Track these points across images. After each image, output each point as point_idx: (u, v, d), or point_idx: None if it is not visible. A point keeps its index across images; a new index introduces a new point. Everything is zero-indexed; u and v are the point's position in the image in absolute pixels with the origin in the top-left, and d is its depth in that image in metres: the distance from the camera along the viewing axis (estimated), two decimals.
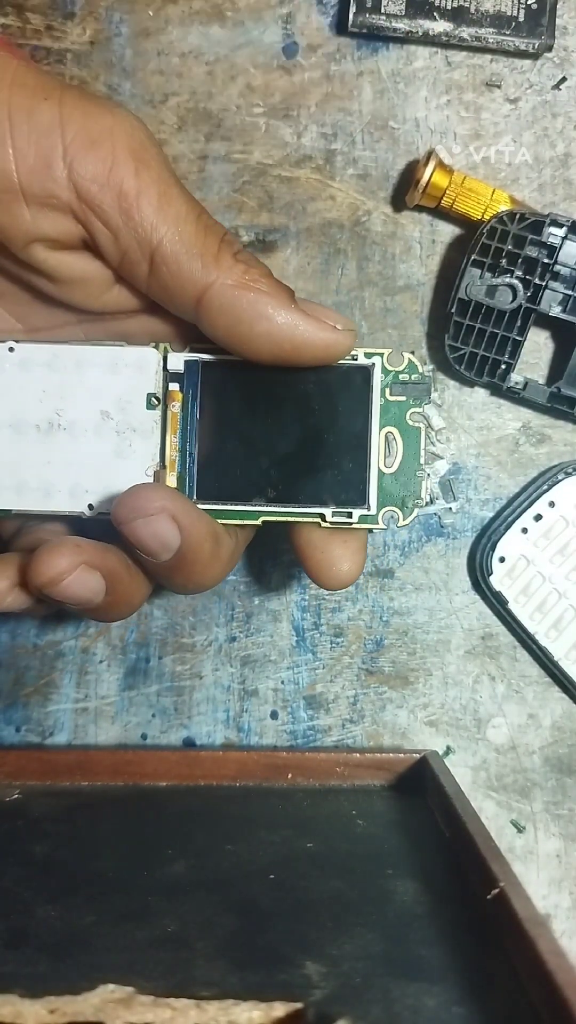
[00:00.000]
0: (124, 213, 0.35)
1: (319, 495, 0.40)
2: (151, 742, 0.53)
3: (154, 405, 0.40)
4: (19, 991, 0.30)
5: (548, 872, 0.52)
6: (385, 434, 0.40)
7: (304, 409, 0.40)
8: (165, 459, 0.40)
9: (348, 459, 0.40)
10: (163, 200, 0.35)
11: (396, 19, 0.49)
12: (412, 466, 0.40)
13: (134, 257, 0.36)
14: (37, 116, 0.34)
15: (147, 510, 0.36)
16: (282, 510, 0.40)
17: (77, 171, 0.35)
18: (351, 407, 0.40)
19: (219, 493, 0.40)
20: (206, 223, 0.36)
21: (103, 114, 0.35)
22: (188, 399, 0.40)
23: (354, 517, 0.40)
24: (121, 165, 0.35)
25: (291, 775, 0.48)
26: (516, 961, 0.32)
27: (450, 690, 0.53)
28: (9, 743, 0.53)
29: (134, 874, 0.39)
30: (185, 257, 0.36)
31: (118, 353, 0.40)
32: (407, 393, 0.40)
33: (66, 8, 0.50)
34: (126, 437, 0.40)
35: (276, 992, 0.30)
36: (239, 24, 0.51)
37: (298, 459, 0.40)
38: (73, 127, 0.34)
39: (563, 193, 0.51)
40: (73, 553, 0.37)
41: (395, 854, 0.41)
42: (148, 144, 0.36)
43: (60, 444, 0.40)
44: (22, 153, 0.34)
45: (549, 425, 0.52)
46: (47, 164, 0.35)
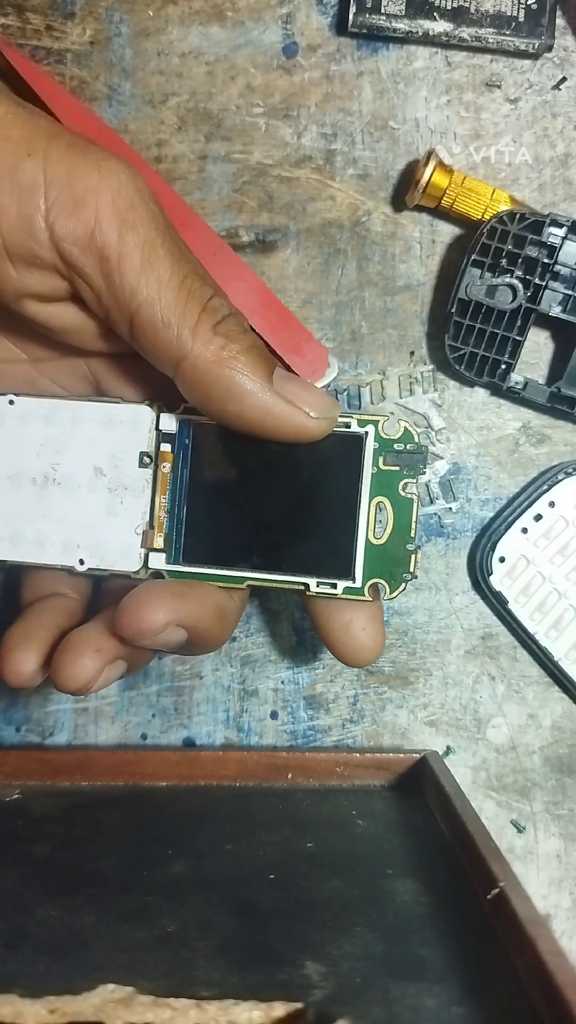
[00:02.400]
0: (105, 276, 0.34)
1: (304, 564, 0.40)
2: (151, 742, 0.53)
3: (146, 464, 0.40)
4: (19, 991, 0.30)
5: (548, 872, 0.52)
6: (376, 504, 0.39)
7: (294, 475, 0.39)
8: (154, 519, 0.40)
9: (336, 528, 0.39)
10: (145, 264, 0.34)
11: (396, 19, 0.49)
12: (403, 538, 0.39)
13: (115, 317, 0.36)
14: (20, 174, 0.34)
15: (153, 631, 0.36)
16: (267, 576, 0.40)
17: (58, 233, 0.34)
18: (342, 475, 0.39)
19: (205, 556, 0.40)
20: (190, 288, 0.35)
21: (89, 172, 0.34)
22: (179, 460, 0.40)
23: (339, 588, 0.39)
24: (104, 227, 0.34)
25: (291, 775, 0.48)
26: (516, 961, 0.32)
27: (450, 690, 0.53)
28: (9, 743, 0.53)
29: (134, 874, 0.39)
30: (162, 325, 0.35)
31: (113, 410, 0.40)
32: (401, 463, 0.39)
33: (66, 8, 0.50)
34: (118, 494, 0.40)
35: (276, 992, 0.30)
36: (239, 24, 0.51)
37: (285, 526, 0.40)
38: (57, 186, 0.34)
39: (563, 193, 0.51)
40: (94, 659, 0.37)
41: (395, 854, 0.41)
42: (136, 202, 0.35)
43: (55, 498, 0.41)
44: (5, 211, 0.34)
45: (549, 425, 0.52)
46: (29, 224, 0.34)
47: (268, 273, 0.52)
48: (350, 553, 0.39)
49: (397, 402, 0.52)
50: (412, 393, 0.52)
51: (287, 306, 0.51)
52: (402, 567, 0.39)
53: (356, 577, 0.39)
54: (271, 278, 0.52)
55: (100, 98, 0.51)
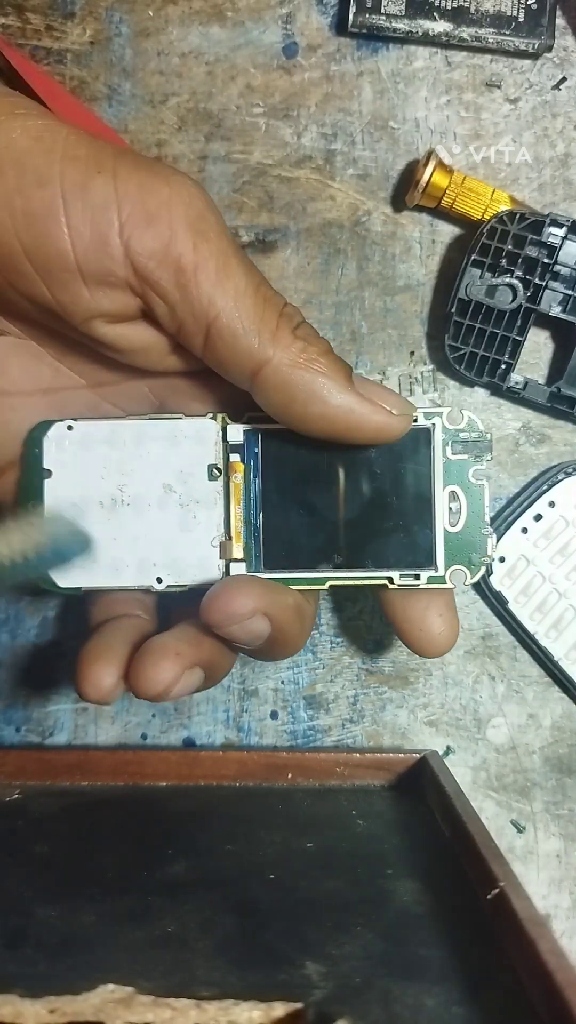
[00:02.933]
0: (181, 288, 0.34)
1: (386, 558, 0.40)
2: (151, 742, 0.53)
3: (215, 476, 0.40)
4: (19, 991, 0.30)
5: (548, 872, 0.52)
6: (449, 493, 0.40)
7: (366, 473, 0.40)
8: (230, 530, 0.40)
9: (413, 521, 0.40)
10: (221, 274, 0.34)
11: (396, 19, 0.49)
12: (477, 524, 0.40)
13: (190, 329, 0.35)
14: (91, 193, 0.33)
15: (241, 616, 0.37)
16: (349, 575, 0.40)
17: (134, 248, 0.34)
18: (413, 469, 0.40)
19: (286, 562, 0.40)
20: (265, 296, 0.35)
21: (160, 186, 0.34)
22: (249, 469, 0.40)
23: (422, 579, 0.40)
24: (179, 239, 0.34)
25: (291, 775, 0.48)
26: (516, 961, 0.32)
27: (450, 690, 0.53)
28: (9, 743, 0.53)
29: (134, 874, 0.39)
30: (242, 332, 0.35)
31: (176, 425, 0.40)
32: (468, 451, 0.40)
33: (66, 8, 0.50)
34: (190, 509, 0.40)
35: (276, 992, 0.30)
36: (239, 24, 0.51)
37: (363, 523, 0.40)
38: (129, 202, 0.34)
39: (563, 193, 0.51)
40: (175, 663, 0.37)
41: (395, 854, 0.41)
42: (207, 214, 0.35)
43: (125, 519, 0.40)
44: (78, 232, 0.34)
45: (549, 425, 0.52)
46: (104, 242, 0.34)
47: (268, 273, 0.51)
48: (430, 543, 0.40)
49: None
50: (412, 393, 0.52)
51: None
52: (479, 552, 0.40)
53: (438, 566, 0.40)
54: (271, 278, 0.51)
55: (100, 98, 0.51)
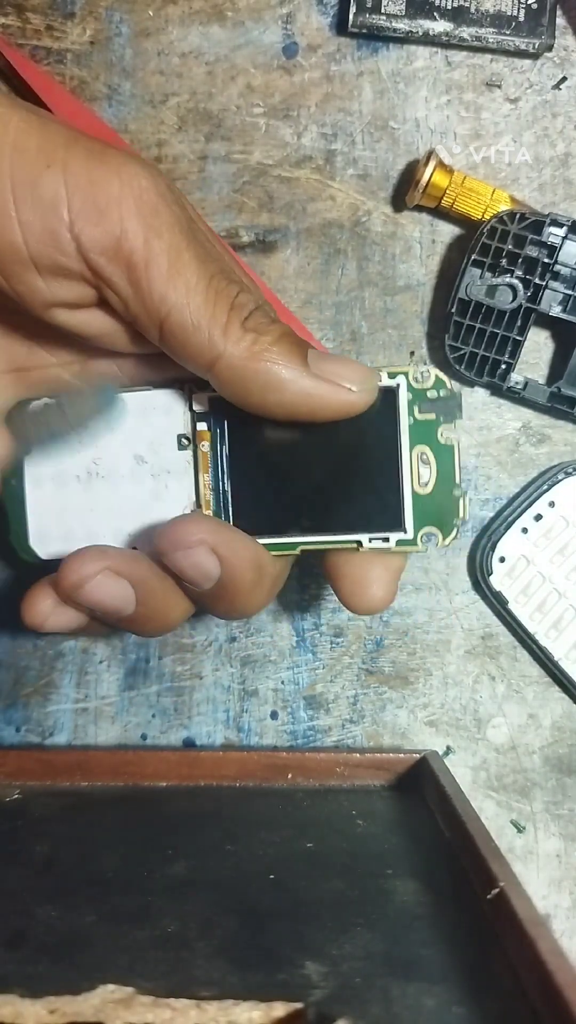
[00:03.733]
0: (133, 284, 0.34)
1: (355, 522, 0.40)
2: (151, 742, 0.53)
3: (185, 446, 0.40)
4: (19, 991, 0.30)
5: (548, 872, 0.52)
6: (418, 454, 0.39)
7: (332, 437, 0.39)
8: (200, 498, 0.40)
9: (381, 483, 0.39)
10: (172, 269, 0.34)
11: (396, 19, 0.49)
12: (448, 485, 0.39)
13: (144, 323, 0.35)
14: (41, 188, 0.33)
15: (186, 542, 0.37)
16: (319, 539, 0.40)
17: (85, 244, 0.34)
18: (380, 430, 0.39)
19: (256, 527, 0.40)
20: (217, 288, 0.35)
21: (110, 179, 0.34)
22: (216, 437, 0.40)
23: (391, 542, 0.39)
24: (130, 235, 0.34)
25: (291, 775, 0.48)
26: (516, 961, 0.32)
27: (450, 690, 0.53)
28: (9, 743, 0.53)
29: (134, 874, 0.39)
30: (192, 328, 0.35)
31: (146, 397, 0.40)
32: (436, 410, 0.39)
33: (66, 8, 0.50)
34: (161, 479, 0.40)
35: (276, 992, 0.30)
36: (239, 24, 0.51)
37: (331, 487, 0.40)
38: (79, 197, 0.33)
39: (563, 193, 0.51)
40: (98, 558, 0.37)
41: (395, 854, 0.41)
42: (160, 207, 0.34)
43: (100, 491, 0.41)
44: (29, 226, 0.33)
45: (549, 425, 0.52)
46: (55, 237, 0.34)
47: (268, 273, 0.52)
48: (398, 505, 0.39)
49: None
50: None
51: (287, 306, 0.51)
52: (451, 513, 0.39)
53: (407, 528, 0.39)
54: (271, 278, 0.52)
55: (100, 98, 0.51)
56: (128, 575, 0.37)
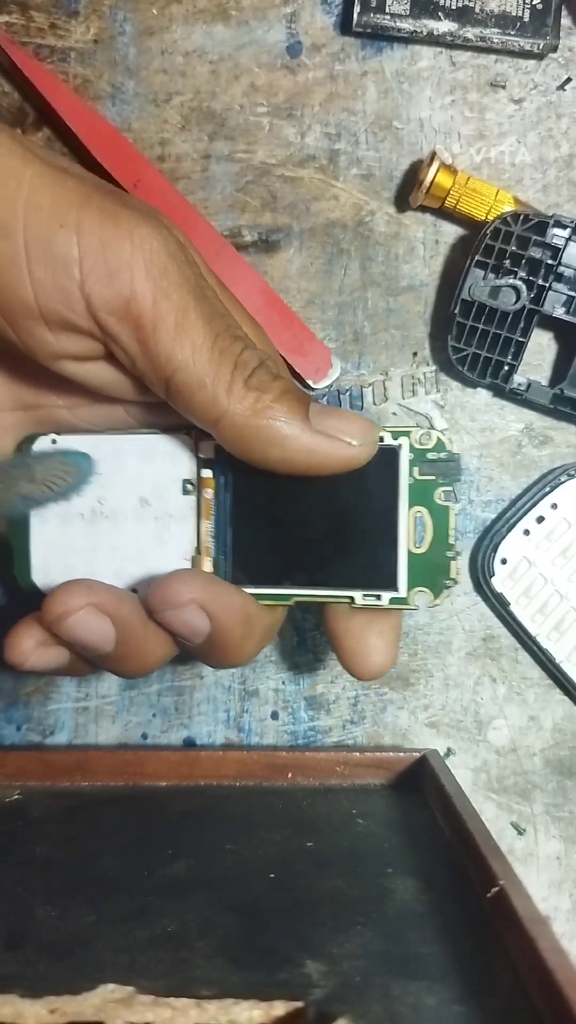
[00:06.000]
0: (140, 343, 0.35)
1: (349, 577, 0.40)
2: (151, 742, 0.53)
3: (189, 491, 0.40)
4: (19, 991, 0.30)
5: (548, 874, 0.52)
6: (414, 514, 0.39)
7: (333, 492, 0.39)
8: (200, 545, 0.40)
9: (377, 541, 0.40)
10: (179, 329, 0.35)
11: (400, 19, 0.49)
12: (442, 546, 0.39)
13: (151, 380, 0.36)
14: (54, 247, 0.34)
15: (176, 602, 0.37)
16: (314, 592, 0.40)
17: (95, 304, 0.34)
18: (379, 489, 0.39)
19: (252, 577, 0.40)
20: (222, 347, 0.36)
21: (122, 241, 0.34)
22: (220, 486, 0.40)
23: (383, 599, 0.39)
24: (139, 296, 0.34)
25: (291, 774, 0.48)
26: (516, 959, 0.32)
27: (451, 692, 0.53)
28: (10, 742, 0.53)
29: (134, 874, 0.39)
30: (197, 387, 0.35)
31: (152, 441, 0.40)
32: (436, 472, 0.39)
33: (70, 6, 0.50)
34: (164, 523, 0.41)
35: (276, 991, 0.30)
36: (243, 23, 0.51)
37: (328, 541, 0.40)
38: (91, 258, 0.34)
39: (567, 194, 0.51)
40: (84, 593, 0.37)
41: (395, 853, 0.41)
42: (169, 267, 0.35)
43: (103, 531, 0.41)
44: (40, 283, 0.34)
45: (552, 427, 0.52)
46: (66, 295, 0.34)
47: (271, 273, 0.52)
48: (393, 564, 0.39)
49: (400, 403, 0.52)
50: (415, 394, 0.52)
51: (290, 306, 0.51)
52: (443, 575, 0.39)
53: (400, 587, 0.39)
54: (274, 278, 0.52)
55: (104, 97, 0.51)
56: (112, 613, 0.37)
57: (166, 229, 0.36)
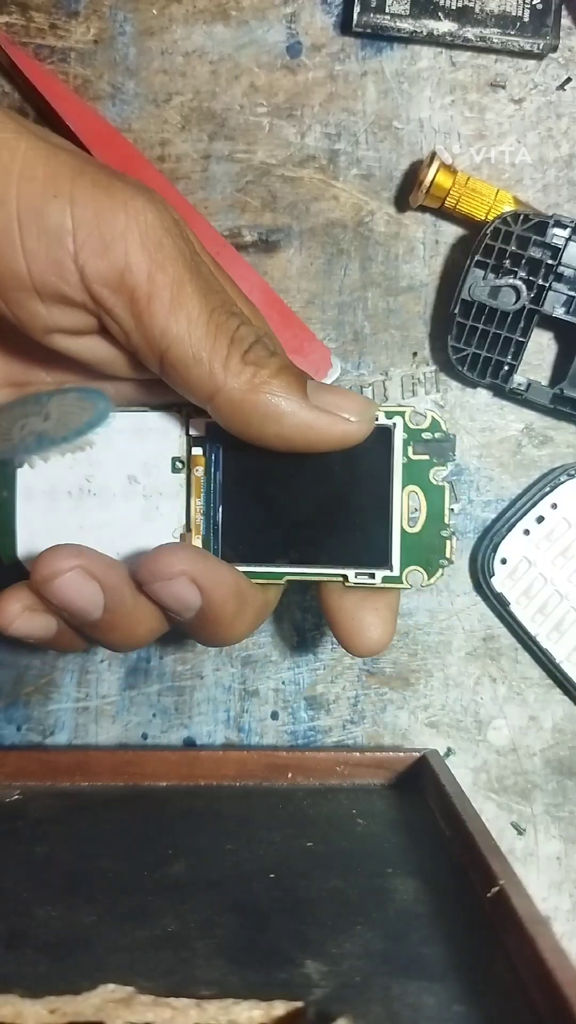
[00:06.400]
0: (135, 316, 0.34)
1: (342, 556, 0.40)
2: (152, 742, 0.53)
3: (179, 469, 0.40)
4: (19, 991, 0.30)
5: (548, 874, 0.52)
6: (408, 494, 0.39)
7: (326, 470, 0.39)
8: (190, 523, 0.40)
9: (371, 519, 0.40)
10: (175, 302, 0.34)
11: (400, 19, 0.49)
12: (437, 526, 0.39)
13: (146, 354, 0.36)
14: (47, 218, 0.33)
15: (166, 573, 0.37)
16: (306, 571, 0.40)
17: (89, 275, 0.34)
18: (373, 467, 0.39)
19: (243, 555, 0.40)
20: (218, 322, 0.35)
21: (117, 212, 0.34)
22: (210, 463, 0.40)
23: (377, 578, 0.39)
24: (133, 269, 0.34)
25: (291, 774, 0.48)
26: (516, 959, 0.32)
27: (451, 691, 0.53)
28: (10, 742, 0.53)
29: (134, 874, 0.39)
30: (193, 362, 0.35)
31: (142, 418, 0.40)
32: (430, 452, 0.39)
33: (70, 6, 0.50)
34: (153, 500, 0.40)
35: (276, 991, 0.30)
36: (243, 23, 0.51)
37: (321, 520, 0.40)
38: (85, 229, 0.34)
39: (567, 194, 0.51)
40: (73, 555, 0.37)
41: (395, 853, 0.41)
42: (164, 241, 0.35)
43: (91, 509, 0.41)
44: (33, 254, 0.34)
45: (552, 427, 0.52)
46: (59, 267, 0.34)
47: (271, 273, 0.52)
48: (386, 543, 0.39)
49: (400, 403, 0.52)
50: (415, 394, 0.52)
51: (290, 306, 0.51)
52: (438, 553, 0.40)
53: (393, 566, 0.39)
54: (274, 278, 0.52)
55: (104, 97, 0.51)
56: (101, 578, 0.37)
57: (161, 203, 0.35)
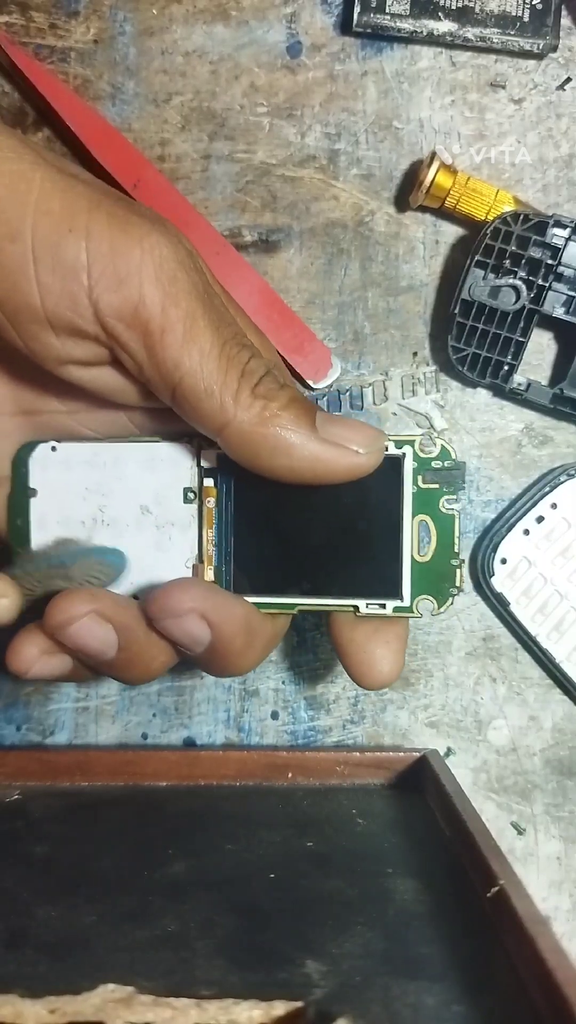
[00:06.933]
0: (148, 349, 0.35)
1: (353, 586, 0.40)
2: (151, 742, 0.53)
3: (191, 500, 0.40)
4: (19, 991, 0.30)
5: (548, 874, 0.52)
6: (418, 522, 0.39)
7: (337, 501, 0.40)
8: (202, 553, 0.40)
9: (381, 549, 0.40)
10: (187, 336, 0.35)
11: (400, 19, 0.49)
12: (447, 554, 0.39)
13: (158, 386, 0.36)
14: (62, 251, 0.34)
15: (176, 610, 0.37)
16: (317, 601, 0.40)
17: (103, 310, 0.34)
18: (383, 497, 0.39)
19: (255, 586, 0.40)
20: (229, 355, 0.35)
21: (132, 248, 0.34)
22: (222, 494, 0.40)
23: (388, 608, 0.40)
24: (147, 303, 0.34)
25: (291, 774, 0.48)
26: (516, 959, 0.32)
27: (451, 691, 0.53)
28: (10, 742, 0.53)
29: (134, 874, 0.39)
30: (204, 395, 0.35)
31: (154, 449, 0.40)
32: (440, 480, 0.39)
33: (70, 6, 0.50)
34: (165, 531, 0.41)
35: (276, 991, 0.30)
36: (243, 23, 0.51)
37: (332, 550, 0.40)
38: (100, 264, 0.34)
39: (567, 194, 0.51)
40: (87, 601, 0.37)
41: (395, 853, 0.41)
42: (179, 275, 0.35)
43: (104, 539, 0.41)
44: (47, 288, 0.34)
45: (552, 427, 0.52)
46: (73, 300, 0.34)
47: (271, 273, 0.52)
48: (397, 572, 0.40)
49: (400, 403, 0.52)
50: (415, 394, 0.52)
51: (290, 306, 0.51)
52: (448, 582, 0.40)
53: (404, 596, 0.40)
54: (274, 278, 0.52)
55: (104, 97, 0.51)
56: (114, 620, 0.37)
57: (175, 237, 0.35)
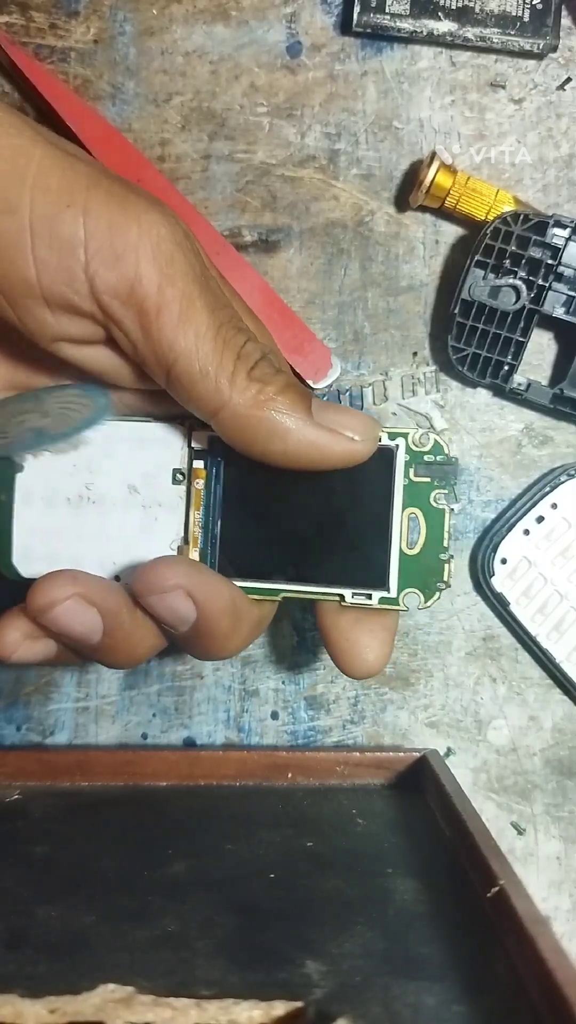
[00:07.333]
0: (143, 329, 0.35)
1: (340, 575, 0.40)
2: (151, 742, 0.53)
3: (179, 481, 0.40)
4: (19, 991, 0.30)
5: (548, 874, 0.52)
6: (408, 515, 0.39)
7: (327, 489, 0.39)
8: (188, 535, 0.40)
9: (370, 540, 0.40)
10: (183, 317, 0.35)
11: (400, 19, 0.49)
12: (436, 549, 0.39)
13: (152, 367, 0.36)
14: (60, 227, 0.34)
15: (162, 587, 0.37)
16: (302, 589, 0.40)
17: (98, 286, 0.34)
18: (374, 488, 0.39)
19: (240, 570, 0.40)
20: (225, 337, 0.35)
21: (129, 225, 0.34)
22: (211, 476, 0.40)
23: (374, 599, 0.39)
24: (144, 281, 0.34)
25: (291, 774, 0.48)
26: (516, 959, 0.32)
27: (451, 691, 0.53)
28: (10, 742, 0.53)
29: (134, 874, 0.39)
30: (199, 376, 0.35)
31: (145, 429, 0.40)
32: (432, 474, 0.39)
33: (70, 6, 0.50)
34: (152, 511, 0.40)
35: (276, 991, 0.30)
36: (243, 23, 0.51)
37: (320, 538, 0.40)
38: (96, 240, 0.34)
39: (567, 194, 0.51)
40: (69, 583, 0.37)
41: (395, 853, 0.41)
42: (176, 254, 0.35)
43: (89, 517, 0.40)
44: (43, 263, 0.34)
45: (552, 427, 0.52)
46: (69, 276, 0.34)
47: (271, 273, 0.52)
48: (384, 564, 0.39)
49: (400, 403, 0.52)
50: (415, 394, 0.52)
51: (290, 306, 0.51)
52: (436, 576, 0.39)
53: (391, 587, 0.39)
54: (274, 278, 0.52)
55: (104, 97, 0.51)
56: (98, 603, 0.37)
57: (172, 218, 0.35)
